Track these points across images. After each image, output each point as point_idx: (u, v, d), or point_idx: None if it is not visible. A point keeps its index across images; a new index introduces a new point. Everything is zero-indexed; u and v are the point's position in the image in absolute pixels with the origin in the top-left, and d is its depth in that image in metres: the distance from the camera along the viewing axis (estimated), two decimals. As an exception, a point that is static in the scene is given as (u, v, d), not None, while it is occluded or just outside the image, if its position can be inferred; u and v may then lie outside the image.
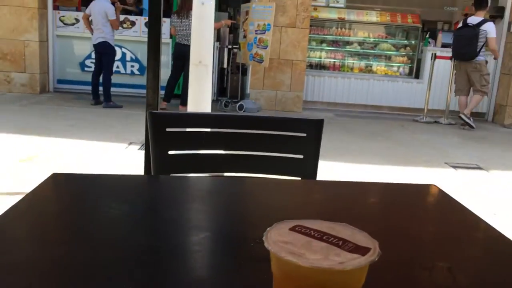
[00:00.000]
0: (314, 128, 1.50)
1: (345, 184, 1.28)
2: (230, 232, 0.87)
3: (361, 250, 0.44)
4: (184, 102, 6.16)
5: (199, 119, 1.58)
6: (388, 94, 7.90)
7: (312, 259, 0.42)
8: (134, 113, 6.22)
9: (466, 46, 6.55)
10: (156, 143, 1.40)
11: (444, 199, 1.06)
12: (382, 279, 0.66)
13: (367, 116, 7.45)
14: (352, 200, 1.05)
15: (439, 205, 1.05)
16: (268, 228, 0.47)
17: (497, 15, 7.60)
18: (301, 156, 1.49)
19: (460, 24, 6.75)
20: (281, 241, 0.45)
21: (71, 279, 0.63)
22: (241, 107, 6.91)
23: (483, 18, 6.55)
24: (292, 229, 0.47)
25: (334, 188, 1.17)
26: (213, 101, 6.64)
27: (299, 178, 1.47)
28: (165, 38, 7.02)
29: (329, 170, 4.01)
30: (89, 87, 6.70)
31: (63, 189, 1.07)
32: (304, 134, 1.49)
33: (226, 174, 1.53)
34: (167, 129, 1.43)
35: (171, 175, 1.41)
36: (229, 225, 0.91)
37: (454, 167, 4.62)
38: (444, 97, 7.38)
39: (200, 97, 3.49)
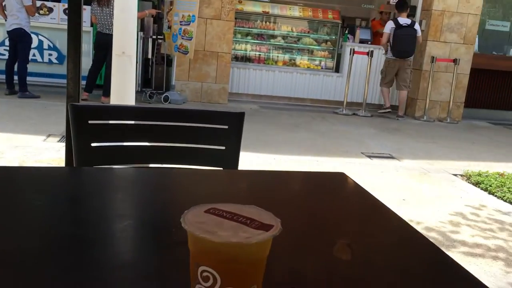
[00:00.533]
0: (236, 121, 1.57)
1: (263, 173, 1.37)
2: (152, 219, 0.92)
3: (266, 227, 0.51)
4: (107, 93, 6.02)
5: (121, 111, 1.59)
6: (311, 87, 8.18)
7: (223, 236, 0.49)
8: (52, 104, 5.97)
9: (411, 45, 7.25)
10: (78, 135, 1.40)
11: (350, 185, 1.17)
12: (287, 251, 0.75)
13: (291, 108, 7.68)
14: (268, 187, 1.14)
15: (345, 190, 1.17)
16: (185, 211, 0.53)
17: (409, 13, 8.11)
18: (223, 148, 1.56)
19: (393, 25, 7.22)
20: (196, 221, 0.52)
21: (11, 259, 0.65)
22: (166, 99, 6.86)
23: (411, 19, 7.21)
24: (207, 211, 0.54)
25: (253, 177, 1.25)
26: (137, 92, 6.54)
27: (221, 169, 1.54)
28: (86, 26, 6.78)
29: (253, 160, 4.13)
30: (3, 76, 6.33)
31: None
32: (226, 127, 1.56)
33: (150, 165, 1.56)
34: (90, 122, 1.44)
35: (94, 167, 1.42)
36: (152, 213, 0.96)
37: (370, 156, 4.92)
38: (362, 91, 7.79)
39: (124, 88, 3.45)
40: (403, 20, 7.26)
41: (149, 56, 7.67)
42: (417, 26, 7.27)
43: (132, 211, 0.96)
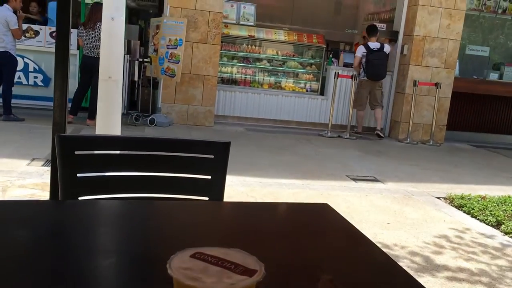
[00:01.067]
0: (222, 150, 1.59)
1: (248, 205, 1.39)
2: (137, 255, 0.93)
3: (250, 272, 0.53)
4: (92, 116, 6.02)
5: (108, 141, 1.61)
6: (296, 109, 8.26)
7: (208, 283, 0.50)
8: (37, 127, 5.93)
9: (383, 68, 7.62)
10: (64, 166, 1.41)
11: (334, 217, 1.20)
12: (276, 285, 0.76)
13: (276, 131, 7.73)
14: (252, 221, 1.16)
15: (329, 223, 1.19)
16: (171, 256, 0.55)
17: (391, 38, 8.30)
18: (209, 177, 1.58)
19: (364, 50, 7.49)
20: (182, 267, 0.53)
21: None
22: (152, 121, 6.86)
23: (380, 43, 7.45)
24: (193, 256, 0.56)
25: (238, 210, 1.27)
26: (123, 114, 6.53)
27: (207, 198, 1.55)
28: (73, 49, 6.79)
29: (239, 183, 4.14)
30: (-13, 99, 6.29)
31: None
32: (212, 156, 1.58)
33: (136, 195, 1.57)
34: (76, 152, 1.45)
35: (79, 198, 1.43)
36: (137, 249, 0.97)
37: (354, 179, 4.97)
38: (346, 113, 7.90)
39: (110, 113, 3.46)
40: (374, 44, 7.58)
41: (135, 78, 7.69)
42: (386, 48, 7.62)
43: (117, 246, 0.97)
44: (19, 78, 7.02)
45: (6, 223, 1.01)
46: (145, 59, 7.57)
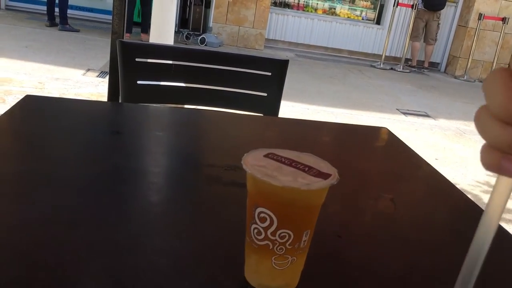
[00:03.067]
0: (280, 68, 1.56)
1: (305, 122, 1.38)
2: (198, 159, 0.95)
3: (324, 175, 0.53)
4: (146, 30, 6.03)
5: (168, 51, 1.61)
6: (349, 38, 7.97)
7: (283, 180, 0.50)
8: (91, 39, 6.02)
9: None
10: (125, 72, 1.43)
11: (393, 141, 1.17)
12: (335, 202, 0.77)
13: (327, 59, 7.53)
14: (310, 136, 1.15)
15: (388, 146, 1.17)
16: (245, 154, 0.55)
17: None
18: (265, 94, 1.57)
19: None
20: (256, 165, 0.53)
21: (40, 190, 0.70)
22: (202, 41, 6.82)
23: None
24: (266, 155, 0.55)
25: (294, 125, 1.26)
26: (175, 32, 6.50)
27: (262, 115, 1.55)
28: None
29: (286, 109, 4.12)
30: (44, 7, 6.37)
31: (36, 111, 1.10)
32: (269, 73, 1.56)
33: (193, 106, 1.58)
34: (137, 59, 1.46)
35: (139, 104, 1.46)
36: (198, 153, 0.99)
37: (405, 113, 4.85)
38: (402, 45, 7.56)
39: (163, 28, 3.44)
40: None
41: (188, -4, 7.56)
42: None
43: (179, 150, 0.99)
44: (74, -12, 7.04)
45: (68, 118, 1.04)
46: (198, -24, 7.39)
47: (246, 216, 0.54)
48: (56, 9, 6.29)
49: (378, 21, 8.10)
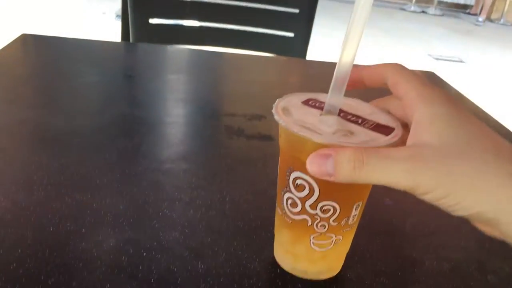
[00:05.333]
0: (308, 4, 1.38)
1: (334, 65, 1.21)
2: (217, 107, 0.81)
3: (383, 129, 0.38)
4: None
5: (183, -15, 1.43)
6: (378, -22, 7.53)
7: (328, 135, 0.36)
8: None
9: None
10: (136, 9, 1.27)
11: (444, 86, 1.01)
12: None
13: (353, 1, 7.15)
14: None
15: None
16: (277, 100, 0.40)
17: None
18: (291, 35, 1.40)
19: None
20: (292, 109, 0.39)
21: (50, 143, 0.57)
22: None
23: None
24: (305, 103, 0.41)
25: (327, 69, 1.10)
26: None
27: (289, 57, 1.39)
28: None
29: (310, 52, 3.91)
30: None
31: (33, 51, 0.97)
32: (297, 10, 1.39)
33: (211, 48, 1.43)
34: (148, -5, 1.30)
35: (152, 44, 1.31)
36: (216, 100, 0.85)
37: (437, 59, 4.58)
38: (435, -14, 7.11)
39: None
40: None
41: None
42: None
43: (195, 96, 0.85)
44: None
45: (72, 59, 0.91)
46: None
47: (278, 181, 0.40)
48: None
49: (409, -40, 7.60)
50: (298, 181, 0.38)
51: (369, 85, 0.39)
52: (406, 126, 0.36)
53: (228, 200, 0.51)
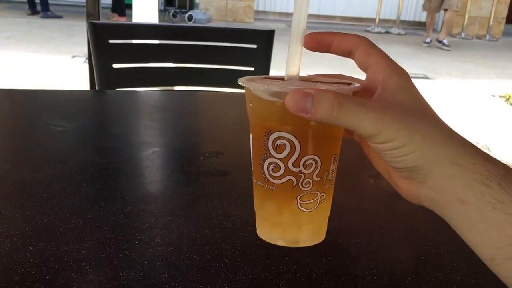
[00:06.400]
0: (265, 39, 1.45)
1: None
2: (178, 146, 0.85)
3: (343, 84, 0.43)
4: (116, 10, 5.90)
5: (144, 29, 1.49)
6: (341, 3, 7.77)
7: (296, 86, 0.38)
8: (75, 24, 5.86)
9: None
10: (99, 56, 1.32)
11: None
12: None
13: (320, 27, 7.35)
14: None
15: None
16: (238, 79, 0.43)
17: None
18: (252, 69, 1.46)
19: None
20: (257, 81, 0.42)
21: (14, 195, 0.60)
22: (190, 18, 6.64)
23: None
24: (266, 78, 0.44)
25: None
26: (160, 11, 6.32)
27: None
28: None
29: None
30: (24, -4, 6.18)
31: (1, 105, 1.00)
32: (255, 46, 1.45)
33: (173, 88, 1.48)
34: (110, 41, 1.35)
35: (116, 89, 1.35)
36: (178, 140, 0.89)
37: (402, 77, 4.72)
38: (396, 6, 7.36)
39: (146, 7, 3.31)
40: None
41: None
42: None
43: (157, 138, 0.89)
44: (54, -27, 6.82)
45: (43, 112, 0.94)
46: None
47: (252, 154, 0.42)
48: (37, -4, 6.10)
49: (369, -16, 7.88)
50: (278, 142, 0.39)
51: (334, 50, 0.42)
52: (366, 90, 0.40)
53: (185, 236, 0.54)
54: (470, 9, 7.26)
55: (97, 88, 1.34)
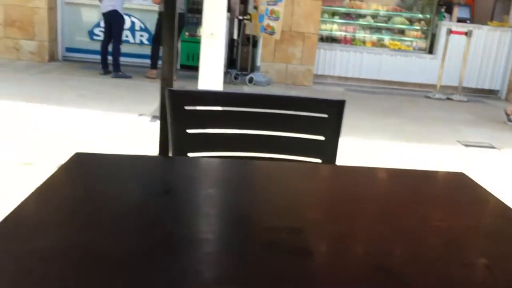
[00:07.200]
0: (336, 109, 1.46)
1: (369, 170, 1.25)
2: (256, 221, 0.84)
3: None
4: (154, 66, 6.36)
5: (218, 97, 1.54)
6: (400, 69, 7.77)
7: None
8: (143, 84, 6.18)
9: None
10: (175, 121, 1.37)
11: (476, 189, 1.02)
12: (422, 275, 0.64)
13: (378, 92, 7.35)
14: (378, 188, 1.02)
15: (470, 195, 1.02)
16: None
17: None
18: (323, 138, 1.46)
19: None
20: None
21: (97, 268, 0.61)
22: (251, 80, 6.84)
23: None
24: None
25: (359, 174, 1.14)
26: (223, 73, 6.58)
27: (319, 160, 1.44)
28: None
29: (341, 147, 3.97)
30: (98, 56, 6.63)
31: (86, 170, 1.04)
32: (326, 115, 1.46)
33: (246, 154, 1.50)
34: (186, 107, 1.40)
35: (188, 155, 1.39)
36: (255, 214, 0.88)
37: (466, 145, 4.57)
38: (458, 74, 7.26)
39: (213, 70, 3.45)
40: None
41: (235, 37, 7.66)
42: None
43: (233, 212, 0.89)
44: (126, 36, 7.30)
45: (118, 177, 0.97)
46: (244, 17, 7.49)
47: None
48: (109, 58, 6.52)
49: (430, 51, 7.87)
50: None
51: None
52: None
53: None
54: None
55: (170, 152, 1.37)
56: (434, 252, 0.74)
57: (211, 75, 3.40)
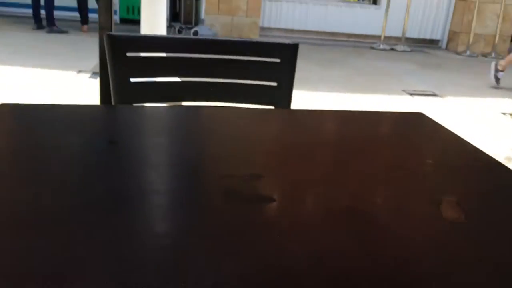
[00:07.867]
0: (289, 53, 1.39)
1: (327, 113, 1.20)
2: (211, 170, 0.77)
3: None
4: (85, 21, 6.09)
5: (162, 42, 1.43)
6: (346, 20, 7.76)
7: None
8: (81, 39, 5.83)
9: None
10: (117, 69, 1.25)
11: (436, 128, 1.00)
12: (390, 214, 0.60)
13: (324, 44, 7.34)
14: (338, 130, 0.98)
15: (432, 135, 0.99)
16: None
17: None
18: (275, 84, 1.39)
19: None
20: None
21: (33, 226, 0.53)
22: (195, 34, 6.62)
23: None
24: None
25: (316, 117, 1.09)
26: (166, 27, 6.30)
27: (272, 107, 1.38)
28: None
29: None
30: (30, 11, 6.16)
31: (12, 121, 0.93)
32: (278, 60, 1.39)
33: (193, 103, 1.41)
34: (128, 54, 1.28)
35: (133, 104, 1.28)
36: (210, 162, 0.81)
37: (411, 94, 4.67)
38: (401, 24, 7.35)
39: (155, 22, 3.26)
40: None
41: (177, -12, 7.34)
42: None
43: (185, 160, 0.81)
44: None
45: (55, 128, 0.87)
46: (186, -33, 7.15)
47: None
48: (43, 12, 6.07)
49: (374, 1, 7.88)
50: None
51: None
52: None
53: (235, 277, 0.47)
54: (475, 26, 7.24)
55: (112, 102, 1.26)
56: (401, 192, 0.70)
57: (153, 28, 3.22)
